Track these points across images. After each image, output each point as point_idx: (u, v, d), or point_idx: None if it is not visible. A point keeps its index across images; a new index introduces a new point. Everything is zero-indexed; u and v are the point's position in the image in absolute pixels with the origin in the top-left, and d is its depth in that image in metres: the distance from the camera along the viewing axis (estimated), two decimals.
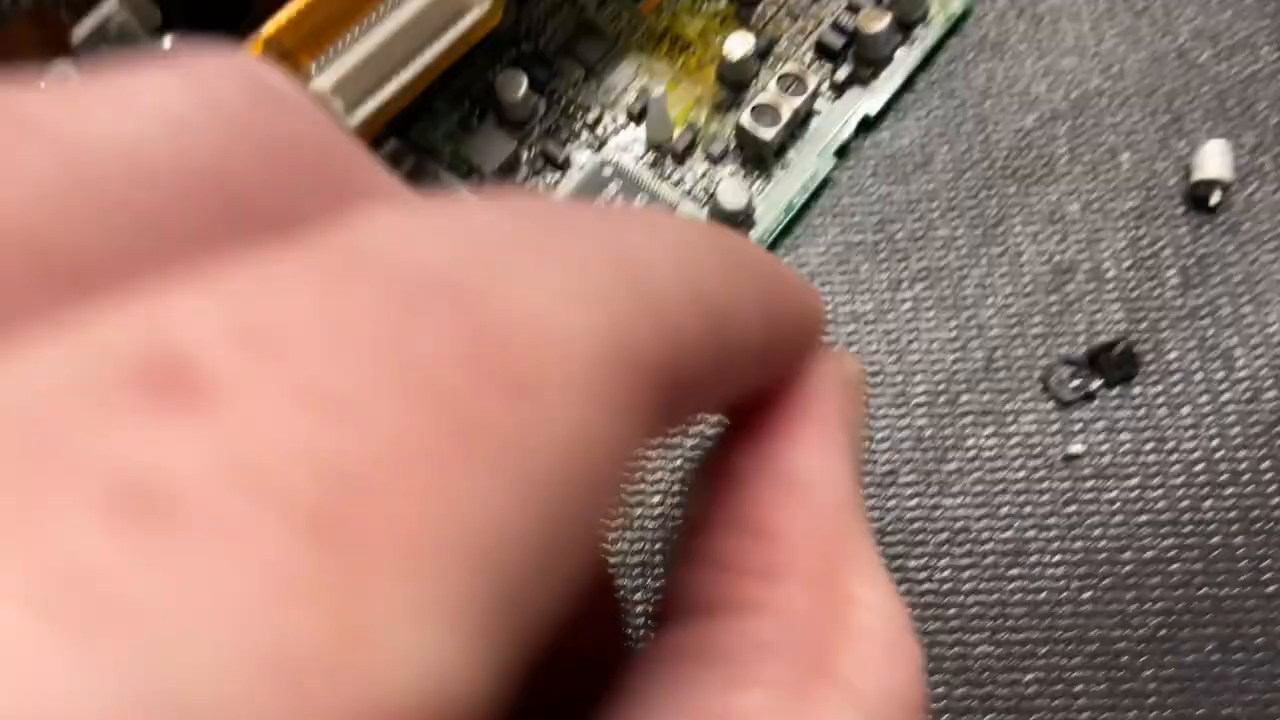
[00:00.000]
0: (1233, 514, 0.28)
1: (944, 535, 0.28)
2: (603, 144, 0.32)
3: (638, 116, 0.32)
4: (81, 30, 0.20)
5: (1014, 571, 0.27)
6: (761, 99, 0.31)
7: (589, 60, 0.33)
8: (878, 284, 0.31)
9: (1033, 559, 0.28)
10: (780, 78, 0.31)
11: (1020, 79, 0.33)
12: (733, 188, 0.30)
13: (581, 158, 0.32)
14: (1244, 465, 0.28)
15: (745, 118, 0.31)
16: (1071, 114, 0.32)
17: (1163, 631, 0.27)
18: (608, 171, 0.31)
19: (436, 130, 0.33)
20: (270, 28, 0.23)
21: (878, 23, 0.31)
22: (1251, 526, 0.27)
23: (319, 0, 0.23)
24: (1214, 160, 0.31)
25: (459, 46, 0.25)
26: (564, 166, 0.32)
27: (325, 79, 0.24)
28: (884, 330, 0.30)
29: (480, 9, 0.24)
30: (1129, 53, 0.33)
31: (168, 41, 0.22)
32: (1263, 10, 0.34)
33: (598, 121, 0.32)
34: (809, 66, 0.33)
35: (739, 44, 0.31)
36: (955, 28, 0.34)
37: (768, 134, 0.31)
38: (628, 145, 0.32)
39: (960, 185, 0.32)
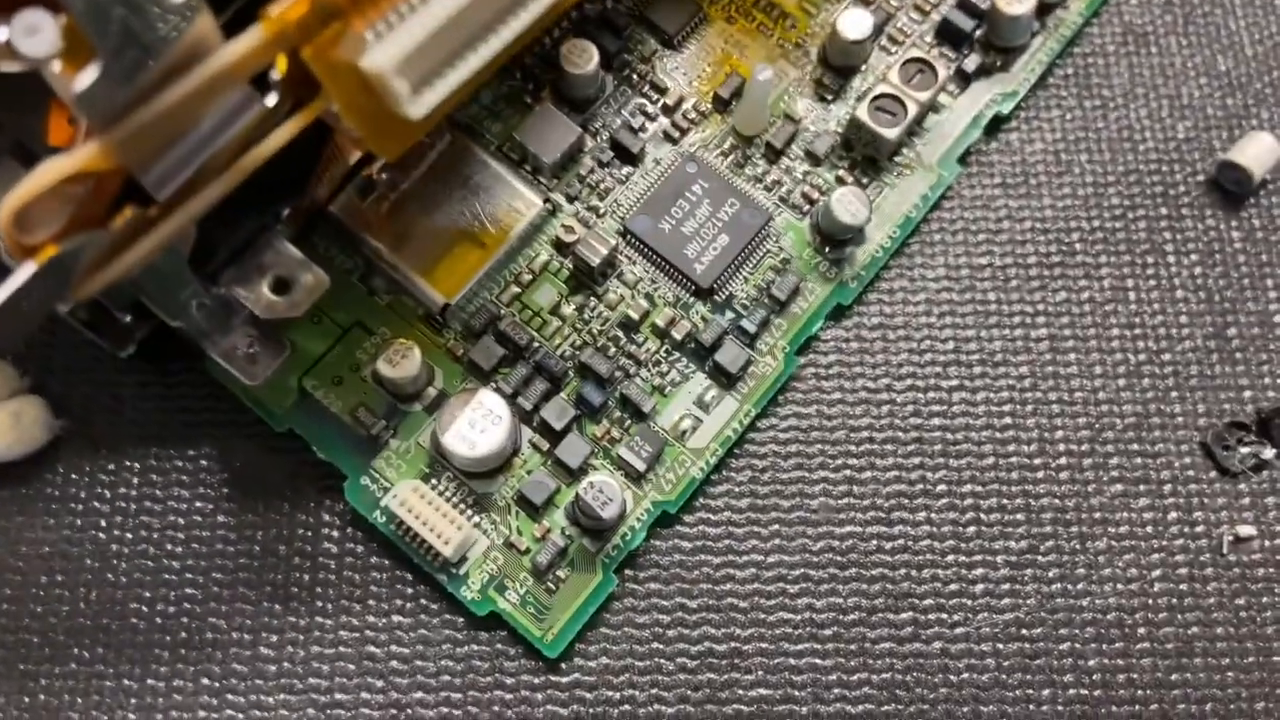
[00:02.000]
0: None
1: (1092, 630, 0.24)
2: (683, 133, 0.27)
3: (725, 102, 0.27)
4: None
5: (1176, 676, 0.23)
6: (882, 89, 0.26)
7: (667, 30, 0.27)
8: (1009, 318, 0.26)
9: (1198, 661, 0.23)
10: (904, 64, 0.26)
11: (1170, 78, 0.28)
12: (850, 200, 0.25)
13: (659, 150, 0.27)
14: None
15: (863, 111, 0.26)
16: (1230, 123, 0.28)
17: None
18: (691, 169, 0.26)
19: (478, 103, 0.27)
20: None
21: (1019, 4, 0.26)
22: None
23: None
24: None
25: (550, 15, 0.20)
26: (637, 160, 0.26)
27: (384, 54, 0.18)
28: (1017, 375, 0.26)
29: None
30: None
31: None
32: None
33: (677, 105, 0.27)
34: (930, 52, 0.28)
35: (855, 23, 0.26)
36: (1096, 12, 0.29)
37: (889, 133, 0.26)
38: (712, 138, 0.27)
39: (1102, 203, 0.27)
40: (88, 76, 0.16)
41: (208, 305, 0.23)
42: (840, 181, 0.26)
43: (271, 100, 0.19)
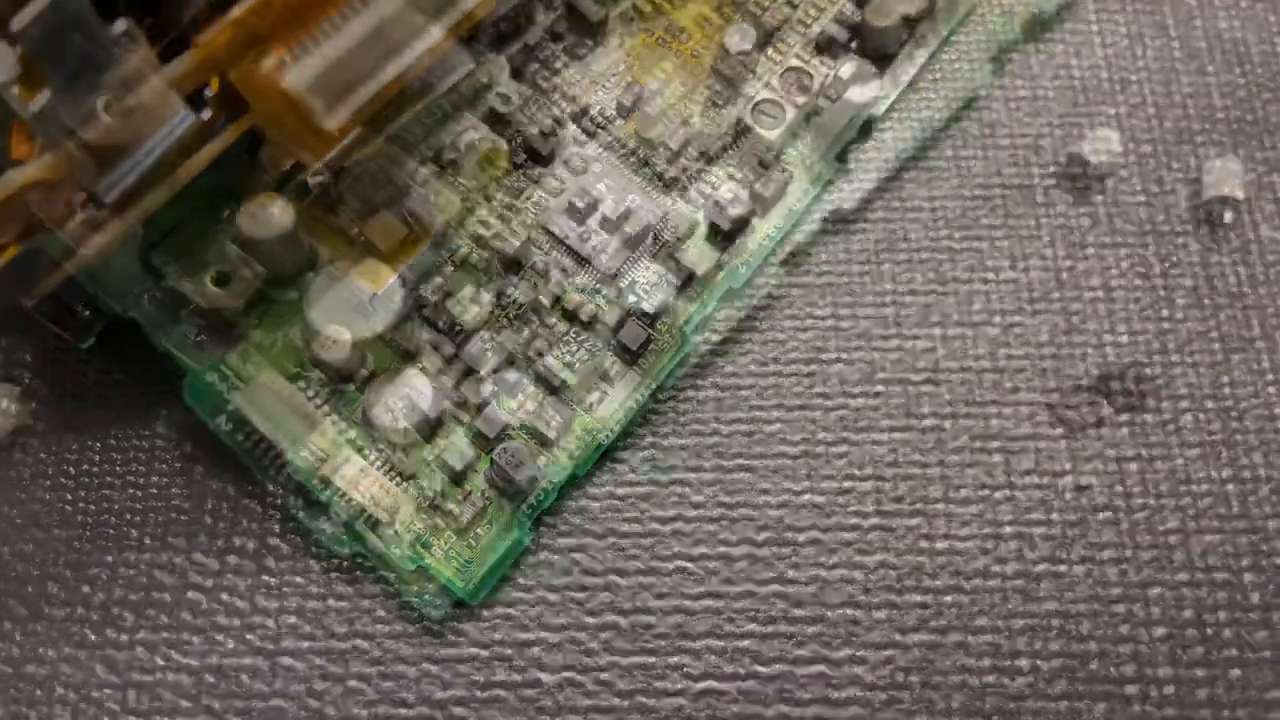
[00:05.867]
0: (1245, 559, 0.27)
1: (948, 568, 0.27)
2: (590, 137, 0.30)
3: (628, 110, 0.30)
4: (25, 16, 0.17)
5: (1020, 609, 0.26)
6: (764, 95, 0.29)
7: (573, 46, 0.30)
8: (882, 298, 0.29)
9: (1043, 592, 0.26)
10: (784, 73, 0.29)
11: (1028, 80, 0.31)
12: (735, 195, 0.28)
13: (567, 153, 0.30)
14: (1257, 501, 0.27)
15: (747, 116, 0.29)
16: (1081, 120, 0.31)
17: (1170, 689, 0.26)
18: (597, 169, 0.29)
19: (405, 111, 0.30)
20: (239, 9, 0.20)
21: (886, 17, 0.29)
22: (1261, 563, 0.27)
23: None
24: (1225, 176, 0.30)
25: (450, 37, 0.22)
26: (548, 161, 0.29)
27: (300, 74, 0.21)
28: (890, 347, 0.29)
29: None
30: (1139, 57, 0.32)
31: (121, 24, 0.19)
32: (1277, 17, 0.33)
33: (584, 113, 0.30)
34: (809, 61, 0.31)
35: (739, 37, 0.29)
36: (962, 22, 0.32)
37: (770, 134, 0.29)
38: (616, 140, 0.30)
39: (965, 194, 0.30)
40: (41, 99, 0.19)
41: (158, 297, 0.26)
42: (730, 178, 0.29)
43: (206, 115, 0.22)
